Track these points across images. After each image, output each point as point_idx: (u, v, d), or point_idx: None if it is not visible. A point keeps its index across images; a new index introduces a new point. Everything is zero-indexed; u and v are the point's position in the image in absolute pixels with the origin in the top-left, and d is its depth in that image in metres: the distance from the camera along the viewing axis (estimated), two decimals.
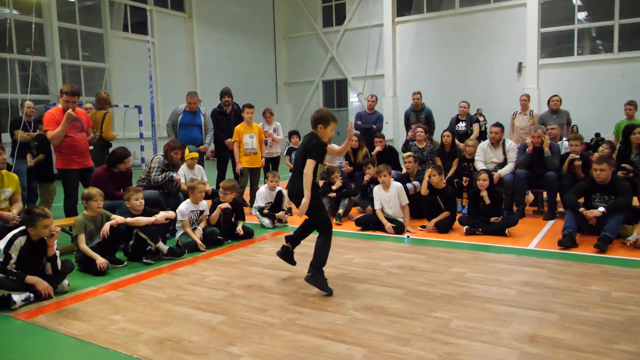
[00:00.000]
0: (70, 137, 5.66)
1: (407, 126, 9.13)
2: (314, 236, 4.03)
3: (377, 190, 6.23)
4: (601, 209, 5.15)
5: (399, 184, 6.22)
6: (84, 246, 4.55)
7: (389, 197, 6.11)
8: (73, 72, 16.59)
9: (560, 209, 6.61)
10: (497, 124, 7.12)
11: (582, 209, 5.25)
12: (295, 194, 3.89)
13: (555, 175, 6.37)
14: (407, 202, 6.16)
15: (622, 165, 6.08)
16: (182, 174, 6.62)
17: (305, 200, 3.72)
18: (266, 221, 6.48)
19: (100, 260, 4.47)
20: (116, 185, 5.70)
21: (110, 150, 6.38)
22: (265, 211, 6.58)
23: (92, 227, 4.74)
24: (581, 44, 18.67)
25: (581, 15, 18.58)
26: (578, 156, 6.33)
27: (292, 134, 8.18)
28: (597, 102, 16.97)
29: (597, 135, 15.24)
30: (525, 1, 18.57)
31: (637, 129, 6.25)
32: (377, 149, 7.85)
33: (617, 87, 16.87)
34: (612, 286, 3.85)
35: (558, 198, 6.56)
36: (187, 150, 6.68)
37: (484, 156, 7.06)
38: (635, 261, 4.56)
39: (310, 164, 3.76)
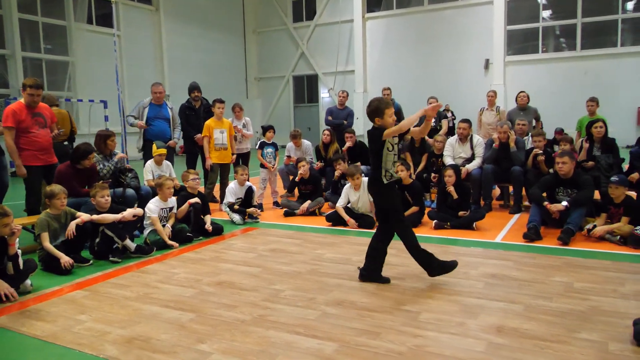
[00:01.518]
0: (33, 132, 5.49)
1: None
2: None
3: (347, 188, 6.26)
4: (564, 203, 5.30)
5: (366, 179, 6.25)
6: (47, 245, 4.42)
7: (358, 195, 6.15)
8: (35, 66, 16.05)
9: (526, 203, 6.78)
10: (465, 120, 7.24)
11: (546, 203, 5.40)
12: (370, 185, 3.97)
13: (520, 170, 6.53)
14: None
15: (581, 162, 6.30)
16: (150, 171, 6.50)
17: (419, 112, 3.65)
18: (236, 217, 6.41)
19: (65, 259, 4.35)
20: (80, 182, 5.56)
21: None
22: (236, 207, 6.49)
23: (56, 226, 4.61)
24: (546, 41, 19.15)
25: (546, 13, 19.05)
26: (541, 151, 6.51)
27: (268, 128, 8.02)
28: (560, 99, 17.43)
29: (561, 130, 15.65)
30: None
31: (597, 124, 6.49)
32: (348, 144, 7.89)
33: (579, 84, 17.38)
34: (575, 277, 3.97)
35: (523, 192, 6.73)
36: (154, 147, 6.56)
37: (452, 151, 7.17)
38: (597, 252, 4.71)
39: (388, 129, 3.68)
